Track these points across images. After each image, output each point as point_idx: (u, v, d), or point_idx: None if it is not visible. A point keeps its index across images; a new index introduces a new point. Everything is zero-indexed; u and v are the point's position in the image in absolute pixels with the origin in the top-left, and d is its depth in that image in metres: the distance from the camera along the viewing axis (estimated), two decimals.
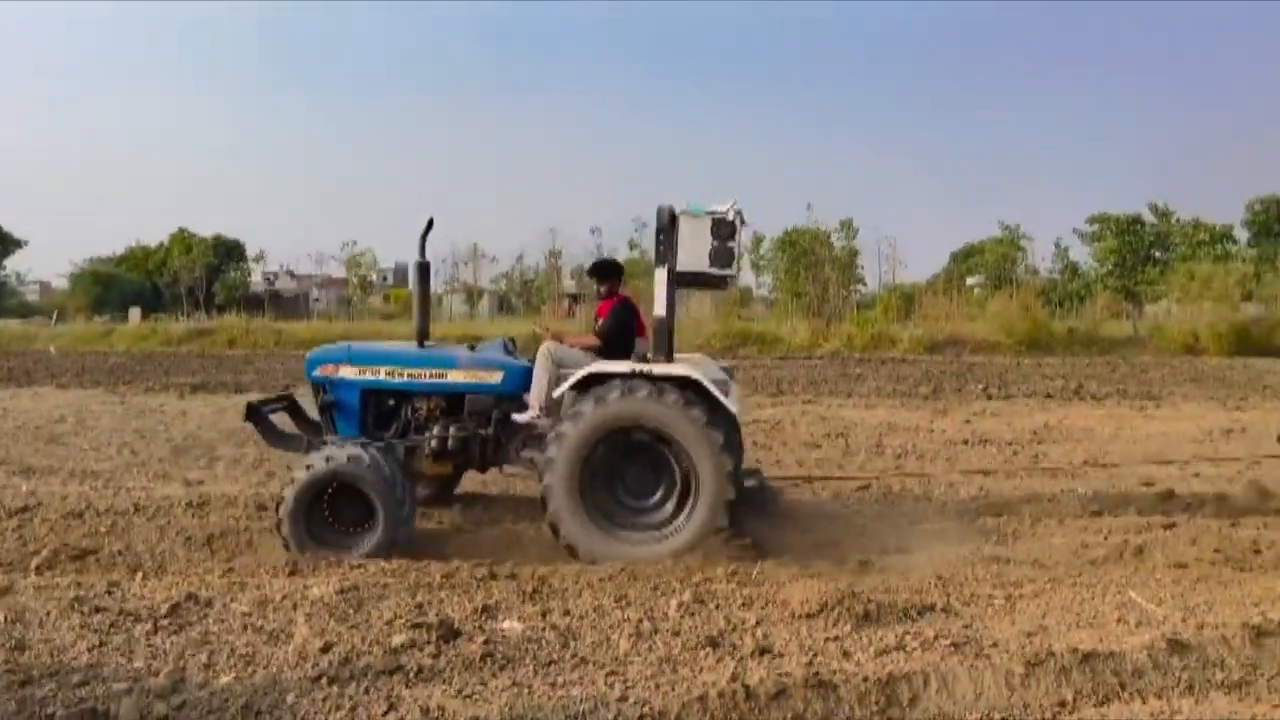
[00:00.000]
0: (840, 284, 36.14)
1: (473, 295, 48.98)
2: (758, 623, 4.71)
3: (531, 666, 4.14)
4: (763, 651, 4.32)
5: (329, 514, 6.03)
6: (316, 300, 56.68)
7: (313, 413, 6.96)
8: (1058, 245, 42.28)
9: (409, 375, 6.58)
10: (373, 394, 6.66)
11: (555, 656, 4.25)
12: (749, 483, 6.30)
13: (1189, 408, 14.99)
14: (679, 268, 6.09)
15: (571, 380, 6.12)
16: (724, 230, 6.04)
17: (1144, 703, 3.85)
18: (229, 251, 53.17)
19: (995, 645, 4.39)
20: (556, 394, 6.30)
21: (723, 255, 6.06)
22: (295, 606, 4.84)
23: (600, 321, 6.86)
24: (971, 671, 4.02)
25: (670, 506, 6.11)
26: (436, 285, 52.21)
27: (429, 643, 4.31)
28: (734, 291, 40.50)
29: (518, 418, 6.50)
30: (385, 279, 57.74)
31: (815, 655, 4.28)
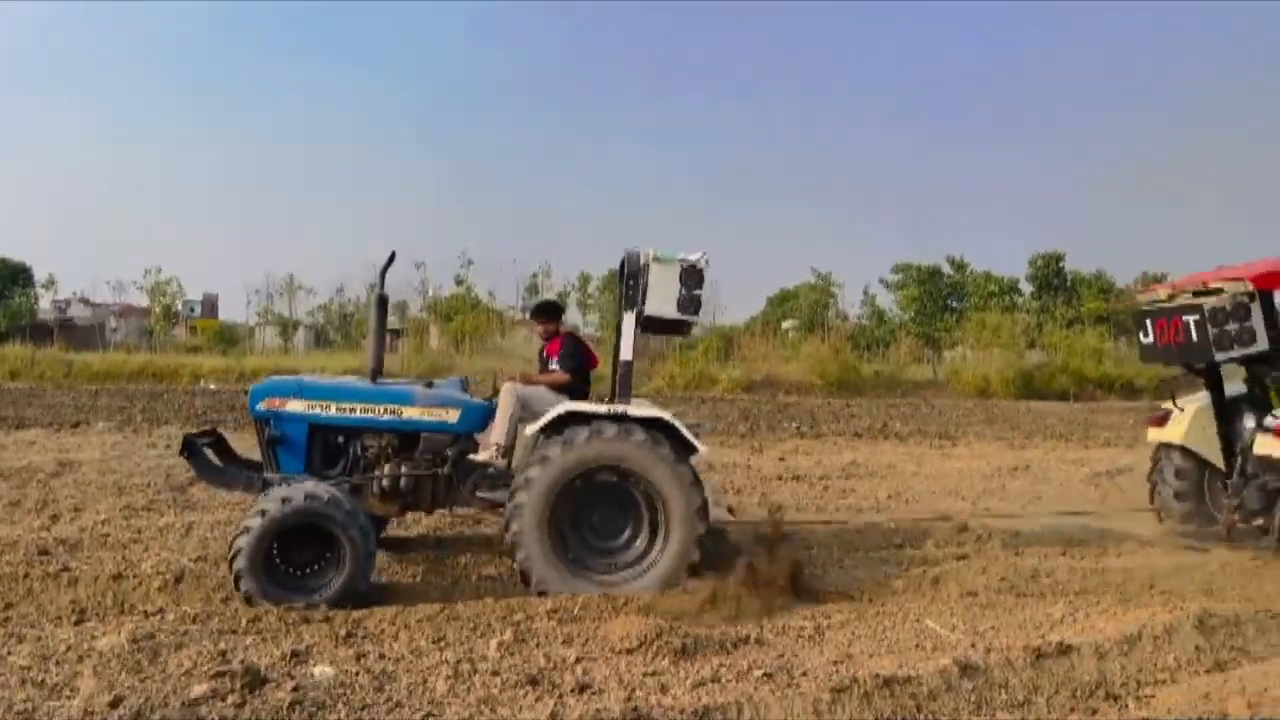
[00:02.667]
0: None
1: (288, 327, 47.00)
2: (578, 660, 4.72)
3: (344, 712, 3.99)
4: (582, 688, 4.33)
5: (279, 559, 5.59)
6: (114, 330, 52.90)
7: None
8: (866, 292, 44.71)
9: (362, 411, 6.32)
10: (320, 430, 6.34)
11: (369, 700, 4.12)
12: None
13: (981, 446, 16.13)
14: (647, 312, 6.17)
15: (544, 420, 6.09)
16: (693, 278, 6.14)
17: None
18: (14, 276, 49.01)
19: (805, 674, 4.56)
20: (528, 433, 6.25)
21: (691, 302, 6.18)
22: (81, 659, 4.48)
23: (559, 359, 6.85)
24: (782, 700, 4.17)
25: (641, 543, 6.15)
26: (248, 316, 49.76)
27: (232, 692, 4.07)
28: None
29: (474, 458, 6.38)
30: (192, 310, 54.54)
31: (634, 690, 4.33)
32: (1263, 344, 6.86)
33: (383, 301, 6.64)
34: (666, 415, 6.15)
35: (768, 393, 27.52)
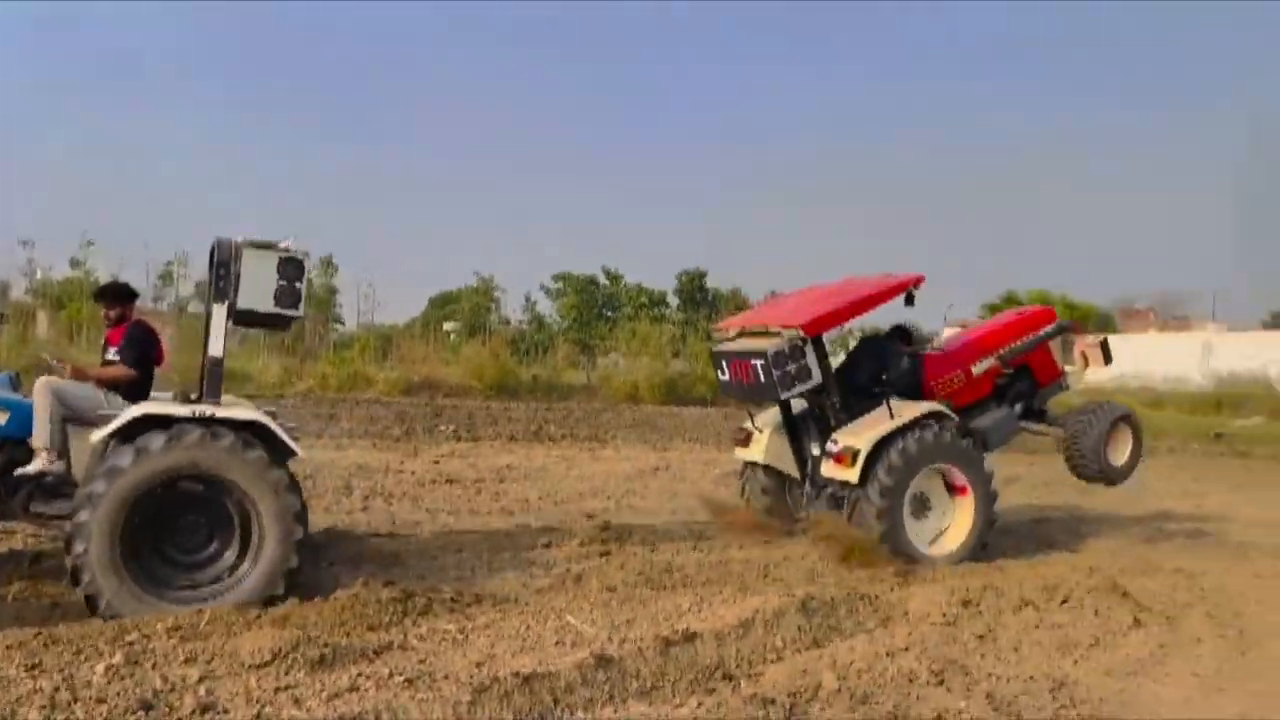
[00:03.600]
0: (317, 321, 35.25)
1: None
2: (201, 679, 4.37)
3: None
4: (204, 710, 4.03)
5: None
6: None
7: None
8: (527, 298, 45.64)
9: None
10: None
11: None
12: None
13: (628, 449, 17.00)
14: (240, 306, 5.67)
15: (114, 425, 5.46)
16: (292, 269, 5.74)
17: (572, 715, 4.27)
18: None
19: (447, 677, 4.56)
20: (95, 440, 5.55)
21: (289, 295, 5.77)
22: None
23: (119, 349, 6.14)
24: (422, 704, 4.15)
25: (231, 556, 5.67)
26: None
27: None
28: (200, 323, 37.62)
29: (25, 470, 5.55)
30: None
31: (264, 707, 4.09)
32: (817, 379, 8.06)
33: None
34: (259, 416, 5.76)
35: (426, 395, 27.14)
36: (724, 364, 8.67)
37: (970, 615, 6.18)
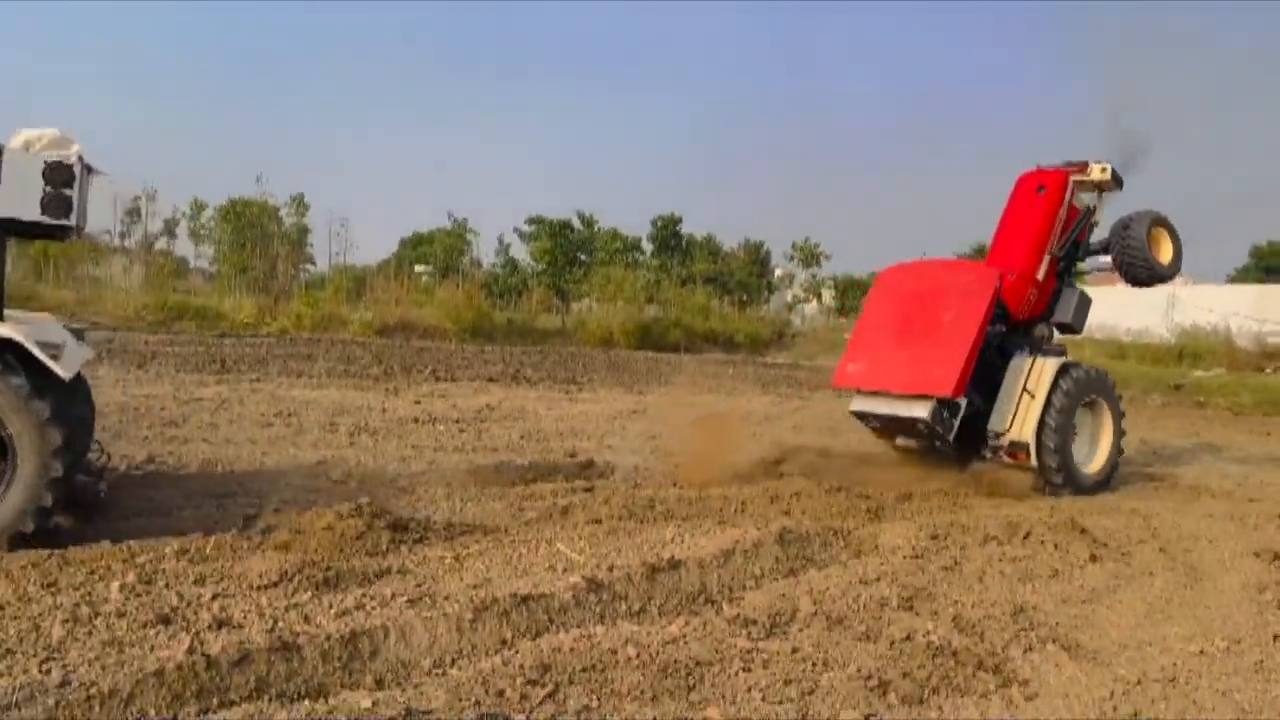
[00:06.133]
0: (290, 261, 34.99)
1: None
2: (214, 597, 4.61)
3: None
4: (221, 624, 4.26)
5: None
6: None
7: None
8: (500, 241, 45.37)
9: None
10: None
11: None
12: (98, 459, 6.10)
13: (605, 392, 17.25)
14: (3, 214, 5.38)
15: None
16: (60, 175, 5.36)
17: (568, 632, 4.54)
18: None
19: (447, 598, 4.81)
20: None
21: (57, 203, 5.38)
22: None
23: None
24: (426, 622, 4.39)
25: None
26: None
27: None
28: (169, 261, 37.12)
29: None
30: None
31: (276, 622, 4.33)
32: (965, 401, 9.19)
33: None
34: (17, 335, 5.21)
35: (401, 337, 27.21)
36: (873, 420, 9.53)
37: (938, 548, 6.52)
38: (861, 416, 9.58)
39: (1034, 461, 8.98)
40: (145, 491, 6.99)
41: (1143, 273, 10.03)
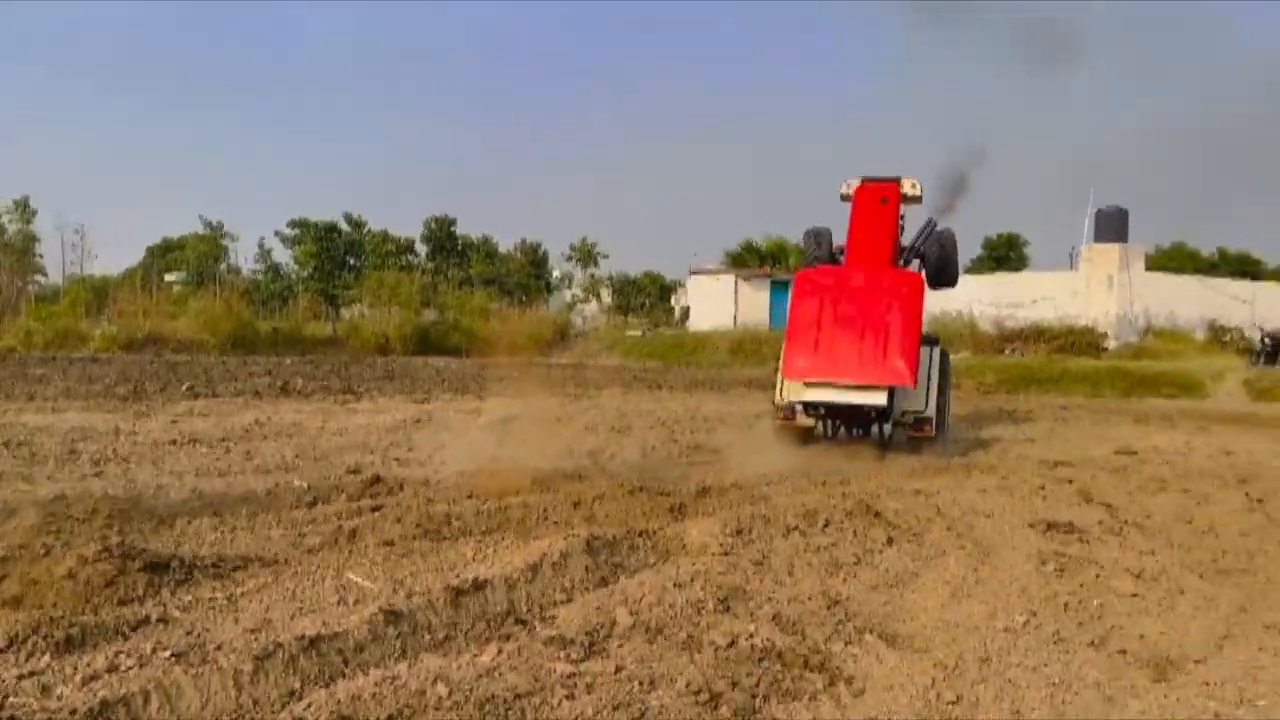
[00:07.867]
0: (15, 273, 31.37)
1: None
2: None
3: None
4: None
5: None
6: None
7: None
8: (261, 246, 42.66)
9: None
10: None
11: None
12: None
13: (384, 401, 16.42)
14: None
15: None
16: None
17: (367, 675, 4.04)
18: None
19: (220, 648, 4.19)
20: None
21: None
22: None
23: None
24: (196, 679, 3.77)
25: None
26: None
27: None
28: None
29: None
30: None
31: (6, 698, 3.58)
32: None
33: None
34: None
35: (152, 351, 24.94)
36: (820, 407, 10.58)
37: (744, 543, 6.45)
38: (810, 405, 10.57)
39: (934, 431, 10.81)
40: None
41: (946, 277, 11.69)
